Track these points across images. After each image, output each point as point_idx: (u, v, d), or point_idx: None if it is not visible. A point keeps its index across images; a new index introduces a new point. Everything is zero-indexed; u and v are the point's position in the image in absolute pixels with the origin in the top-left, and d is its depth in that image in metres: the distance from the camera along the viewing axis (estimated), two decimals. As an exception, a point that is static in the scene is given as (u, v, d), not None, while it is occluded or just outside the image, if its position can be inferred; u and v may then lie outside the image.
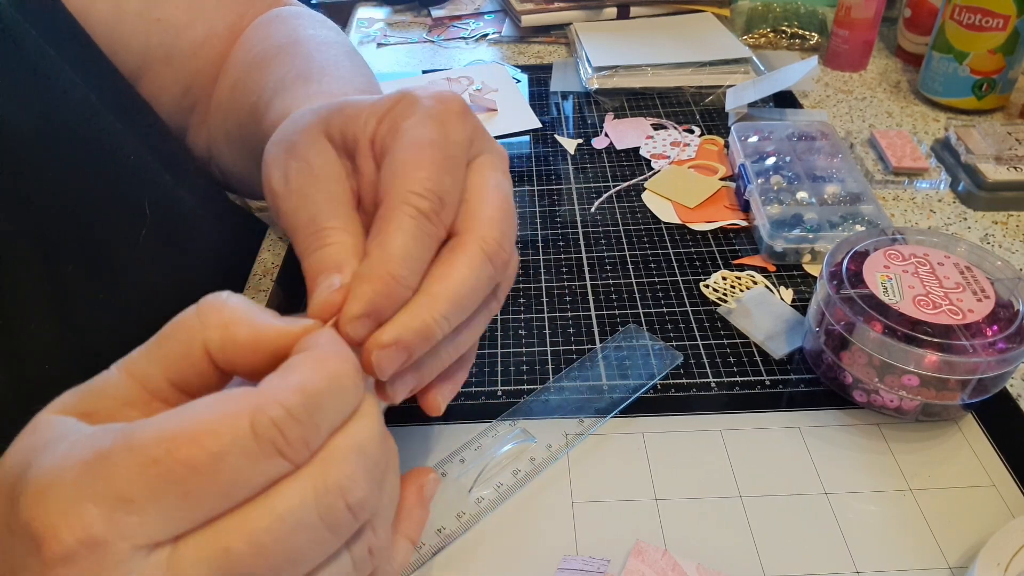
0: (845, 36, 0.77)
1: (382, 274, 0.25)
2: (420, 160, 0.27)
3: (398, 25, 0.97)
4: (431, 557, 0.35)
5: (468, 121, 0.29)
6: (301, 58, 0.43)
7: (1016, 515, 0.35)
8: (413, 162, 0.27)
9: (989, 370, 0.36)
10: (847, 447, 0.39)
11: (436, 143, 0.27)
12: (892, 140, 0.63)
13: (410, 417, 0.41)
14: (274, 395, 0.20)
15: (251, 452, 0.20)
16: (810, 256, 0.51)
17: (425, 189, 0.26)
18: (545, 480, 0.38)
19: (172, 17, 0.47)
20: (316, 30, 0.48)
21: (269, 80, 0.42)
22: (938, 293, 0.39)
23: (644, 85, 0.76)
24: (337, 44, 0.47)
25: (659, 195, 0.60)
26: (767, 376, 0.43)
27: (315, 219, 0.27)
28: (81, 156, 0.38)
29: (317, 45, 0.45)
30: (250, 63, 0.46)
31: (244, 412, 0.20)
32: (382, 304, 0.25)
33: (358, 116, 0.29)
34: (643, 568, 0.33)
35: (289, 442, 0.20)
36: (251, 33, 0.50)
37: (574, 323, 0.48)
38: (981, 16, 0.63)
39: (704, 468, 0.38)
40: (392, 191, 0.26)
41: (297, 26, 0.49)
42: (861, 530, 0.35)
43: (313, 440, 0.21)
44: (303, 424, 0.20)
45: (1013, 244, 0.53)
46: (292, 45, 0.45)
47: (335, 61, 0.43)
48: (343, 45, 0.47)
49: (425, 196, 0.26)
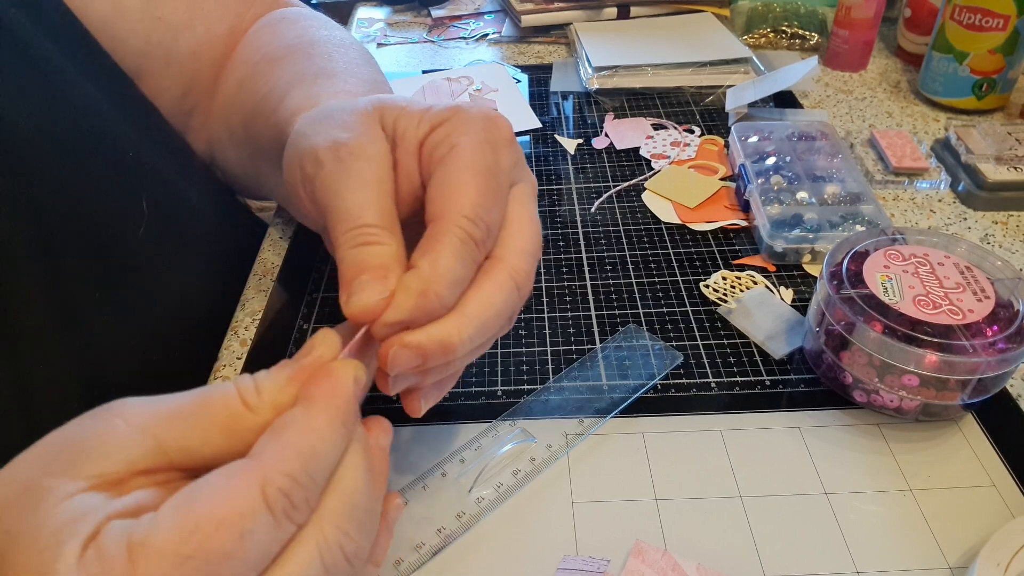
0: (845, 36, 0.77)
1: (427, 291, 0.26)
2: (475, 186, 0.28)
3: (398, 25, 0.97)
4: (431, 557, 0.35)
5: (515, 148, 0.31)
6: (321, 57, 0.43)
7: (1016, 515, 0.35)
8: (468, 186, 0.28)
9: (989, 370, 0.36)
10: (847, 447, 0.39)
11: (490, 170, 0.28)
12: (892, 140, 0.63)
13: (410, 417, 0.41)
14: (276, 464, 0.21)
15: (268, 524, 0.20)
16: (810, 256, 0.51)
17: (477, 216, 0.27)
18: (545, 480, 0.38)
19: (172, 16, 0.47)
20: (330, 31, 0.48)
21: (284, 74, 0.42)
22: (938, 293, 0.39)
23: (644, 85, 0.76)
24: (353, 47, 0.47)
25: (659, 195, 0.60)
26: (767, 376, 0.43)
27: (362, 209, 0.27)
28: (82, 152, 0.38)
29: (335, 46, 0.45)
30: (260, 61, 0.46)
31: (255, 487, 0.20)
32: (420, 318, 0.26)
33: (412, 115, 0.30)
34: (643, 568, 0.33)
35: (295, 506, 0.21)
36: (257, 34, 0.50)
37: (574, 323, 0.48)
38: (981, 16, 0.63)
39: (704, 468, 0.38)
40: (447, 212, 0.27)
41: (308, 27, 0.48)
42: (861, 530, 0.35)
43: (313, 498, 0.22)
44: (305, 487, 0.21)
45: (1013, 244, 0.53)
46: (308, 45, 0.45)
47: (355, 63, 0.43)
48: (358, 48, 0.47)
49: (476, 223, 0.27)
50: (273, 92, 0.41)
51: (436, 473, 0.38)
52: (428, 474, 0.38)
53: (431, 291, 0.26)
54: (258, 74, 0.44)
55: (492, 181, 0.28)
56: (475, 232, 0.27)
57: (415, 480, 0.38)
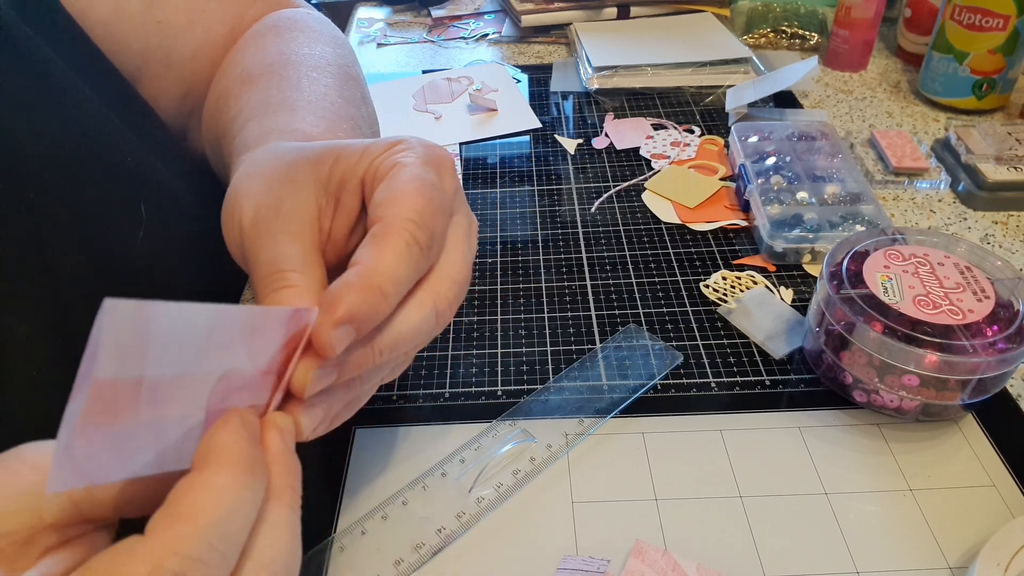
0: (845, 36, 0.77)
1: (371, 285, 0.25)
2: (420, 194, 0.27)
3: (398, 25, 0.97)
4: (431, 557, 0.35)
5: (456, 178, 0.31)
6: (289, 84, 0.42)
7: (1016, 515, 0.35)
8: (414, 194, 0.27)
9: (989, 370, 0.36)
10: (847, 447, 0.39)
11: (434, 185, 0.28)
12: (892, 140, 0.63)
13: (410, 417, 0.41)
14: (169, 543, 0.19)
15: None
16: (810, 256, 0.51)
17: (422, 221, 0.27)
18: (545, 480, 0.38)
19: (172, 19, 0.47)
20: (312, 47, 0.47)
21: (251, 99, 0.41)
22: (938, 293, 0.39)
23: (644, 85, 0.76)
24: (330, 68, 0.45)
25: (659, 195, 0.60)
26: (767, 376, 0.43)
27: (277, 260, 0.27)
28: (80, 157, 0.38)
29: (311, 69, 0.44)
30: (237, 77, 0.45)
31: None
32: (365, 314, 0.24)
33: (351, 155, 0.29)
34: (643, 568, 0.33)
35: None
36: (245, 44, 0.49)
37: (574, 323, 0.48)
38: (981, 16, 0.63)
39: (704, 468, 0.38)
40: (390, 215, 0.26)
41: (292, 41, 0.47)
42: (861, 530, 0.35)
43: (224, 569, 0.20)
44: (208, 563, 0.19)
45: (1013, 244, 0.53)
46: (283, 66, 0.44)
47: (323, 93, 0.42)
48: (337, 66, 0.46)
49: (421, 228, 0.26)
50: (238, 117, 0.40)
51: (436, 473, 0.38)
52: (428, 474, 0.38)
53: (374, 284, 0.24)
54: (232, 93, 0.44)
55: (434, 194, 0.28)
56: (419, 235, 0.26)
57: (415, 480, 0.38)
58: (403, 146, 0.29)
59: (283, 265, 0.27)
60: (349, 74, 0.47)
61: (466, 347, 0.46)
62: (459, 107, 0.75)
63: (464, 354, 0.46)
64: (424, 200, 0.27)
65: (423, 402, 0.43)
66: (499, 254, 0.54)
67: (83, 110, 0.38)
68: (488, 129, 0.71)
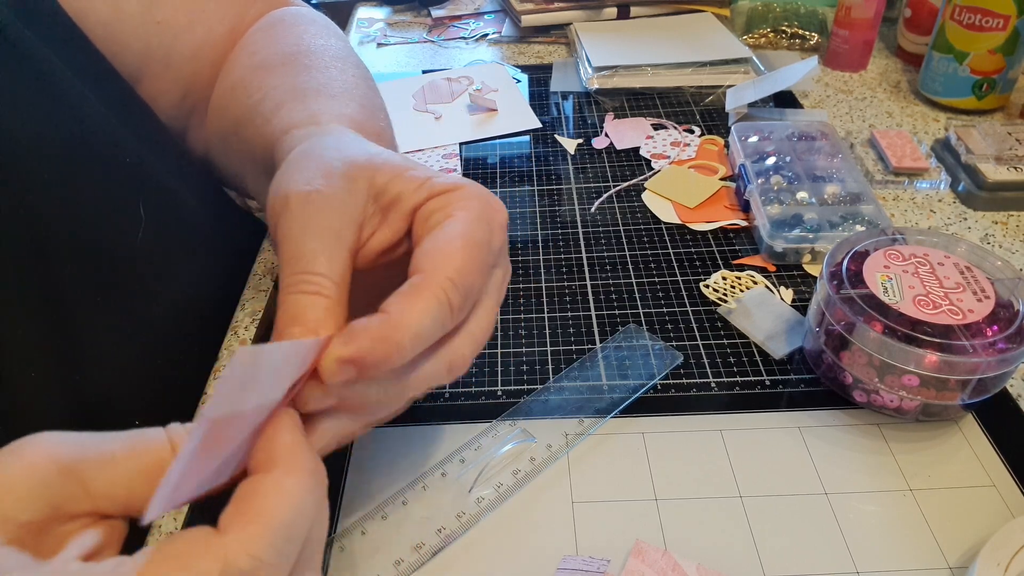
0: (845, 36, 0.77)
1: (388, 337, 0.25)
2: (465, 253, 0.27)
3: (398, 25, 0.97)
4: (431, 557, 0.35)
5: (505, 233, 0.31)
6: (319, 71, 0.43)
7: (1016, 515, 0.35)
8: (459, 252, 0.27)
9: (989, 370, 0.36)
10: (847, 447, 0.39)
11: (482, 245, 0.28)
12: (892, 140, 0.63)
13: (410, 417, 0.41)
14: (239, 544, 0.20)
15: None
16: (810, 256, 0.51)
17: (461, 281, 0.27)
18: (545, 480, 0.38)
19: (172, 19, 0.47)
20: (327, 40, 0.48)
21: (278, 84, 0.41)
22: (938, 293, 0.39)
23: (644, 85, 0.76)
24: (351, 61, 0.46)
25: (659, 195, 0.60)
26: (767, 376, 0.43)
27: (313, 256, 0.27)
28: (79, 158, 0.37)
29: (333, 59, 0.45)
30: (254, 66, 0.45)
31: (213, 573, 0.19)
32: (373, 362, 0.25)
33: (411, 180, 0.30)
34: (643, 568, 0.33)
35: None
36: (253, 37, 0.49)
37: (574, 323, 0.48)
38: (981, 16, 0.63)
39: (704, 468, 0.38)
40: (431, 268, 0.27)
41: (305, 33, 0.48)
42: (861, 530, 0.35)
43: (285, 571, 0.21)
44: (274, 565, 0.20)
45: (1013, 244, 0.53)
46: (304, 55, 0.44)
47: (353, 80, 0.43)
48: (355, 62, 0.47)
49: (458, 288, 0.27)
50: (265, 101, 0.40)
51: (436, 473, 0.38)
52: (428, 474, 0.38)
53: (395, 340, 0.25)
54: (251, 80, 0.44)
55: (481, 254, 0.28)
56: (455, 297, 0.27)
57: (415, 480, 0.38)
58: (462, 195, 0.29)
59: (314, 266, 0.27)
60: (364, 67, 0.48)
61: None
62: (459, 107, 0.75)
63: (464, 354, 0.46)
64: (468, 260, 0.27)
65: (423, 402, 0.43)
66: (499, 254, 0.54)
67: (82, 111, 0.38)
68: (488, 129, 0.71)
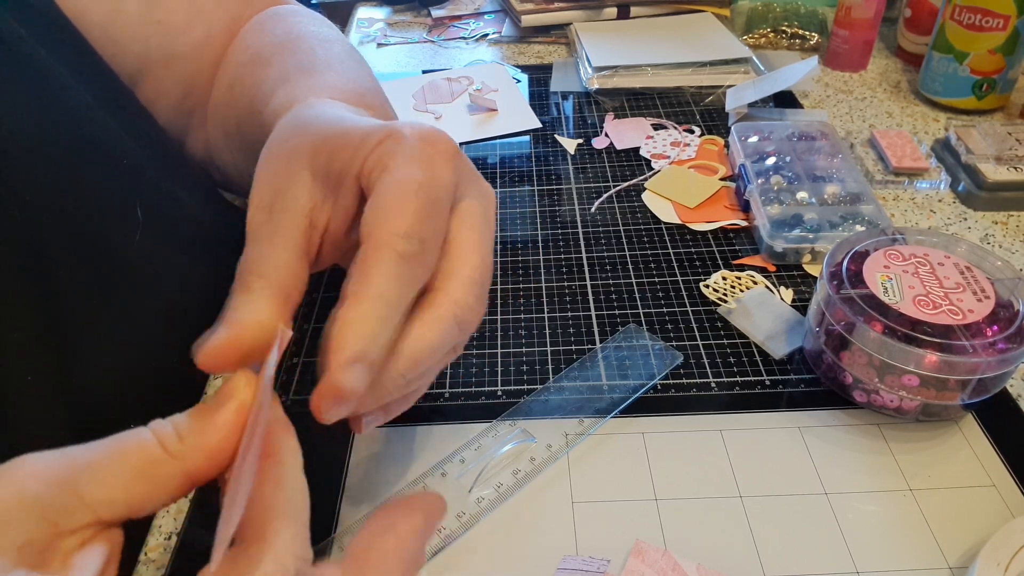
0: (845, 36, 0.77)
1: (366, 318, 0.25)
2: (404, 202, 0.26)
3: (398, 25, 0.97)
4: (431, 557, 0.35)
5: (455, 162, 0.29)
6: (303, 52, 0.43)
7: (1016, 515, 0.35)
8: (397, 204, 0.26)
9: (989, 370, 0.36)
10: (847, 447, 0.39)
11: (422, 185, 0.27)
12: (892, 140, 0.63)
13: (410, 417, 0.41)
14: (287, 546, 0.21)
15: None
16: (810, 256, 0.51)
17: (411, 231, 0.26)
18: (545, 480, 0.38)
19: (171, 19, 0.47)
20: (317, 27, 0.48)
21: (271, 74, 0.42)
22: (938, 293, 0.39)
23: (644, 85, 0.76)
24: (338, 41, 0.47)
25: (659, 195, 0.60)
26: (767, 376, 0.43)
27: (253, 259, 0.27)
28: (76, 160, 0.37)
29: (319, 41, 0.45)
30: (248, 61, 0.46)
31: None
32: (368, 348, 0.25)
33: (345, 150, 0.29)
34: (643, 568, 0.33)
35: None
36: (246, 33, 0.50)
37: (574, 323, 0.48)
38: (981, 16, 0.63)
39: (704, 468, 0.38)
40: (374, 233, 0.26)
41: (295, 23, 0.48)
42: (861, 530, 0.35)
43: None
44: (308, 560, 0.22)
45: (1013, 244, 0.53)
46: (293, 41, 0.45)
47: (338, 57, 0.43)
48: (343, 43, 0.47)
49: (410, 238, 0.26)
50: (260, 93, 0.41)
51: (436, 473, 0.38)
52: (428, 474, 0.38)
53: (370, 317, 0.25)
54: (247, 75, 0.44)
55: (423, 195, 0.27)
56: (405, 248, 0.25)
57: (415, 480, 0.38)
58: (391, 141, 0.28)
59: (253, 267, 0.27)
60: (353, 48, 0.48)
61: (466, 347, 0.46)
62: (459, 107, 0.75)
63: (464, 354, 0.46)
64: (411, 207, 0.26)
65: (423, 402, 0.42)
66: (499, 254, 0.54)
67: (79, 113, 0.38)
68: (488, 129, 0.71)
